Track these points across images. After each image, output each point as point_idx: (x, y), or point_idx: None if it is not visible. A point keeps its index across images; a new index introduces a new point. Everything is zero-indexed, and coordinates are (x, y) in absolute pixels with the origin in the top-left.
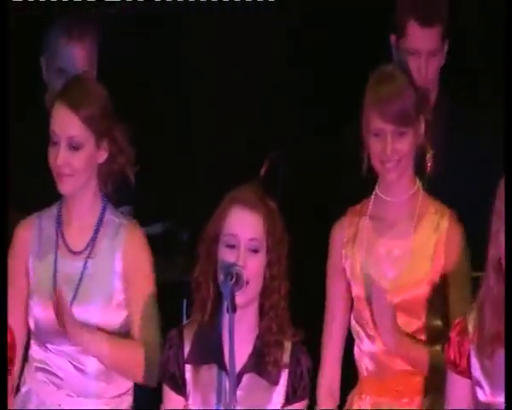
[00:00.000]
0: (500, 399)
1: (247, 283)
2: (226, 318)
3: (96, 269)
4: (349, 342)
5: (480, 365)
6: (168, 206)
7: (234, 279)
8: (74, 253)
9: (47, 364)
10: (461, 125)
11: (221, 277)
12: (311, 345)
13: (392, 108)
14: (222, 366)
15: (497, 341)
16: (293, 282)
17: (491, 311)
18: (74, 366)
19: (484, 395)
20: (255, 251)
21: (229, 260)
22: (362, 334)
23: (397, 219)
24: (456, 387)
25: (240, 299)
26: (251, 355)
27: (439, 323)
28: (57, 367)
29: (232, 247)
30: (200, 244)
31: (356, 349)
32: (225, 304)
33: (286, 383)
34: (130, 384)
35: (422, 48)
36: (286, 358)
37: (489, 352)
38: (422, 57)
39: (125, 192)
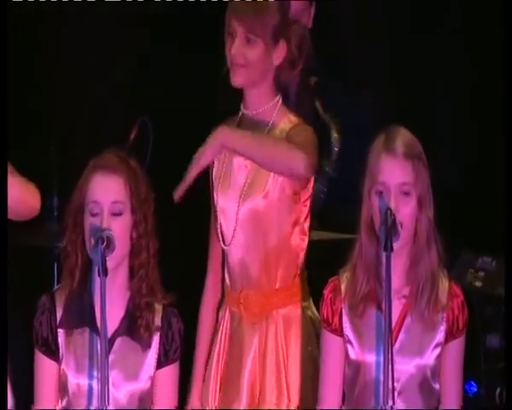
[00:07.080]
0: (369, 357)
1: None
2: (97, 282)
3: None
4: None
5: (350, 323)
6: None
7: (105, 243)
8: None
9: None
10: None
11: (92, 241)
12: (183, 307)
13: (247, 12)
14: (94, 330)
15: (369, 300)
16: (166, 244)
17: (363, 271)
18: None
19: (354, 354)
20: (119, 214)
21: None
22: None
23: (251, 129)
24: (330, 345)
25: (108, 262)
26: (123, 319)
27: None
28: None
29: (96, 215)
30: (67, 214)
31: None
32: (96, 268)
33: (158, 345)
34: None
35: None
36: (157, 321)
37: (360, 311)
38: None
39: None
